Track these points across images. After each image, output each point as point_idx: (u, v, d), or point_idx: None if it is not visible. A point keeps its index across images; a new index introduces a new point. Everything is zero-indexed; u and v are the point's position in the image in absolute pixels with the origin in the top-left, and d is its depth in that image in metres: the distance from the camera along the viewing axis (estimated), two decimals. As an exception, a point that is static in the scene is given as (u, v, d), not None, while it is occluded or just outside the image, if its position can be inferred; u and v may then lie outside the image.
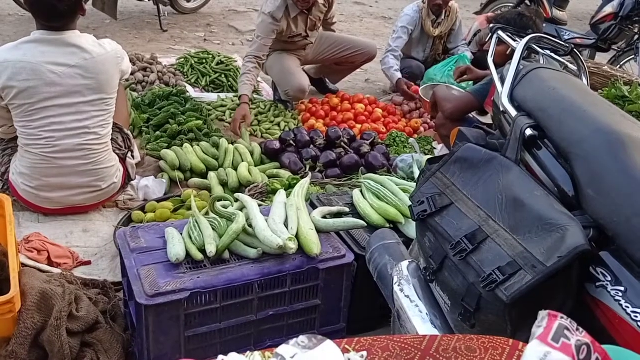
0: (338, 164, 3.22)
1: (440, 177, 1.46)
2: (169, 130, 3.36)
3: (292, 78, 3.97)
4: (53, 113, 2.38)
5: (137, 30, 5.72)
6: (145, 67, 4.27)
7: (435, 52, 4.77)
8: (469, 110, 3.02)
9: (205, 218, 2.02)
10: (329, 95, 4.26)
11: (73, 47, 2.38)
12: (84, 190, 2.55)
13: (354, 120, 3.94)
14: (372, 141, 3.44)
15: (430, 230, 1.42)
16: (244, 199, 2.14)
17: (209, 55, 4.64)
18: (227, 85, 4.38)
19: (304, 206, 2.12)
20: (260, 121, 3.91)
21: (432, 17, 4.58)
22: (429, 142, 3.69)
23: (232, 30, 6.16)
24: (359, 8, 7.72)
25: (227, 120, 3.85)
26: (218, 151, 3.21)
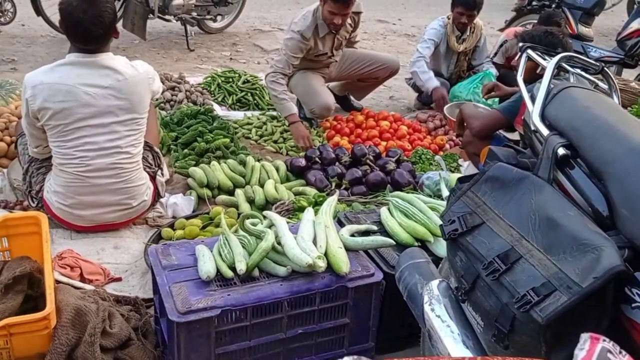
0: (364, 182, 3.22)
1: (471, 196, 1.46)
2: (197, 148, 3.41)
3: (317, 96, 4.01)
4: (87, 133, 2.44)
5: (165, 50, 5.83)
6: (174, 87, 4.35)
7: (460, 69, 4.78)
8: (497, 127, 3.01)
9: (235, 236, 2.04)
10: (354, 113, 4.29)
11: (107, 69, 2.44)
12: (115, 208, 2.60)
13: (379, 137, 3.96)
14: (397, 158, 3.45)
15: (461, 250, 1.41)
16: (273, 216, 2.15)
17: (235, 74, 4.71)
18: (252, 103, 4.44)
19: (332, 224, 2.13)
20: (285, 138, 3.95)
21: (456, 32, 4.59)
22: (454, 160, 3.68)
23: (257, 49, 6.24)
24: (382, 26, 7.77)
25: (253, 138, 3.90)
26: (245, 168, 3.25)
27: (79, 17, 2.33)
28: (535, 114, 1.48)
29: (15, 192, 2.91)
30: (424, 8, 8.88)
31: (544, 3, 5.84)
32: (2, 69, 4.88)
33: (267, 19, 7.49)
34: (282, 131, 4.01)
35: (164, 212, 2.90)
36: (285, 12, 7.92)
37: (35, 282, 1.93)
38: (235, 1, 6.22)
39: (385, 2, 8.67)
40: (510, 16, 6.22)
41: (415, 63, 4.48)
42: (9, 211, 2.75)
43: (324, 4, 3.79)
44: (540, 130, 1.44)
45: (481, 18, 4.83)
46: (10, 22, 5.15)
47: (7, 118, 3.29)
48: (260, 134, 3.95)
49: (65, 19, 2.38)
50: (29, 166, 2.69)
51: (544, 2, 5.85)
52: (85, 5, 2.33)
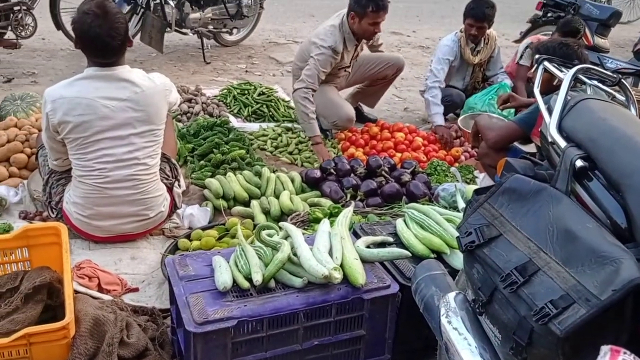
0: (379, 193, 3.23)
1: (488, 208, 1.45)
2: (213, 160, 3.44)
3: (340, 109, 4.05)
4: (106, 145, 2.47)
5: (181, 63, 5.90)
6: (190, 99, 4.40)
7: (475, 80, 4.77)
8: (513, 139, 3.00)
9: (251, 247, 2.06)
10: (369, 124, 4.30)
11: (125, 82, 2.48)
12: (133, 219, 2.63)
13: (394, 149, 3.96)
14: (413, 170, 3.45)
15: (478, 262, 1.41)
16: (289, 228, 2.16)
17: (250, 86, 4.75)
18: (268, 115, 4.47)
19: (348, 236, 2.13)
20: (300, 150, 3.96)
21: (471, 45, 4.60)
22: (470, 171, 3.67)
23: (273, 61, 6.29)
24: (397, 38, 7.79)
25: (268, 150, 3.92)
26: (260, 180, 3.27)
27: (95, 32, 2.37)
28: (553, 126, 1.47)
29: (36, 203, 2.95)
30: (438, 20, 8.90)
31: (559, 15, 5.83)
32: (23, 82, 4.97)
33: (283, 32, 7.55)
34: (298, 143, 4.03)
35: (181, 223, 2.92)
36: (301, 25, 7.99)
37: (54, 292, 1.96)
38: (251, 15, 6.29)
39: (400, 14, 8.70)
40: (525, 28, 6.20)
41: (430, 89, 4.45)
42: (29, 222, 2.80)
43: (362, 19, 3.82)
44: (557, 142, 1.44)
45: (496, 30, 4.83)
46: (31, 36, 5.24)
47: (28, 130, 3.35)
48: (275, 145, 3.98)
49: (82, 37, 2.42)
50: (49, 178, 2.73)
51: (559, 14, 5.84)
52: (100, 21, 2.37)
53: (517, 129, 2.92)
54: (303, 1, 9.46)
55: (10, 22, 5.02)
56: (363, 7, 3.79)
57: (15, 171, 3.17)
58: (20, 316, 1.85)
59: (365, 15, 3.81)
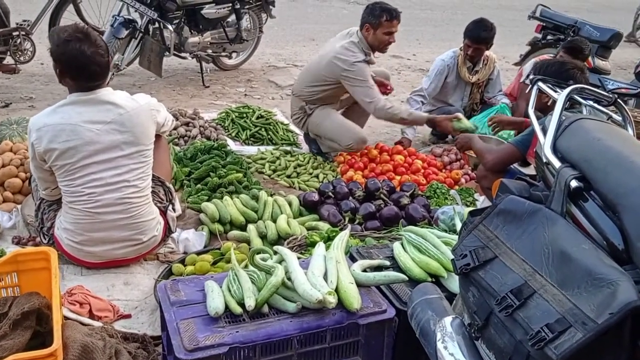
0: (378, 216, 3.22)
1: (483, 230, 1.45)
2: (210, 183, 3.43)
3: (351, 131, 4.05)
4: (93, 169, 2.47)
5: (180, 86, 5.94)
6: (188, 122, 4.42)
7: (473, 101, 4.79)
8: (511, 161, 3.00)
9: (244, 271, 2.04)
10: (368, 147, 4.30)
11: (108, 104, 2.49)
12: (125, 244, 2.61)
13: (393, 171, 3.96)
14: (412, 193, 3.44)
15: (473, 285, 1.40)
16: (283, 251, 2.15)
17: (249, 109, 4.78)
18: (266, 138, 4.48)
19: (343, 259, 2.12)
20: (299, 173, 3.96)
21: (468, 64, 4.63)
22: (470, 194, 3.66)
23: (272, 85, 6.34)
24: (397, 61, 7.86)
25: (266, 173, 3.92)
26: (257, 203, 3.26)
27: (84, 57, 2.37)
28: (547, 146, 1.47)
29: (29, 228, 2.94)
30: (438, 43, 8.98)
31: (559, 37, 5.88)
32: (21, 107, 5.01)
33: (282, 56, 7.62)
34: (296, 166, 4.04)
35: (176, 247, 2.90)
36: (300, 49, 8.06)
37: (43, 318, 1.94)
38: (250, 38, 6.35)
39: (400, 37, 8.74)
40: (525, 50, 6.25)
41: (409, 99, 4.61)
42: (22, 247, 2.78)
43: (377, 29, 3.89)
44: (552, 162, 1.44)
45: (496, 52, 4.87)
46: (30, 60, 5.29)
47: (22, 154, 3.35)
48: (273, 168, 3.98)
49: (69, 64, 2.41)
50: (41, 203, 2.73)
51: (558, 37, 5.89)
52: (85, 45, 2.38)
53: (515, 151, 2.92)
54: (302, 25, 9.57)
55: (9, 47, 5.07)
56: (377, 17, 3.88)
57: (9, 195, 3.17)
58: (8, 342, 1.82)
59: (380, 25, 3.89)
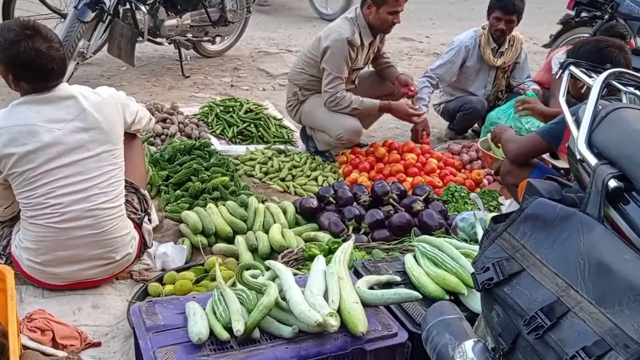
0: (386, 225, 3.22)
1: (507, 239, 1.45)
2: (191, 189, 3.44)
3: (343, 119, 4.06)
4: (58, 176, 2.47)
5: (156, 77, 5.96)
6: (165, 118, 4.43)
7: (498, 89, 4.80)
8: (536, 152, 3.01)
9: (231, 290, 2.04)
10: (375, 145, 4.30)
11: (68, 100, 2.49)
12: (95, 264, 2.61)
13: (404, 172, 3.96)
14: (426, 197, 3.44)
15: (498, 303, 1.40)
16: (277, 266, 2.15)
17: (236, 102, 4.79)
18: (256, 135, 4.49)
19: (347, 275, 2.12)
20: (294, 176, 3.97)
21: (492, 45, 4.63)
22: (494, 197, 3.66)
23: (263, 73, 6.35)
24: (407, 44, 7.88)
25: (256, 176, 3.92)
26: (247, 211, 3.26)
27: (34, 59, 2.37)
28: (581, 140, 1.47)
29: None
30: (455, 23, 8.99)
31: (594, 14, 5.87)
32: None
33: (274, 40, 7.64)
34: (291, 167, 4.04)
35: (152, 264, 2.90)
36: (295, 32, 8.08)
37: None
38: (236, 20, 6.36)
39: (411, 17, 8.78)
40: (556, 30, 6.25)
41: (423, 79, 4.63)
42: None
43: (380, 7, 3.93)
44: (587, 159, 1.43)
45: (523, 33, 4.87)
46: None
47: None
48: (265, 170, 3.99)
49: (19, 67, 2.41)
50: (-7, 218, 2.72)
51: (594, 13, 5.88)
52: (37, 42, 2.38)
53: (541, 141, 2.93)
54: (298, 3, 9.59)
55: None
56: None
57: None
58: (-44, 377, 1.82)
59: (384, 3, 3.91)
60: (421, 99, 4.46)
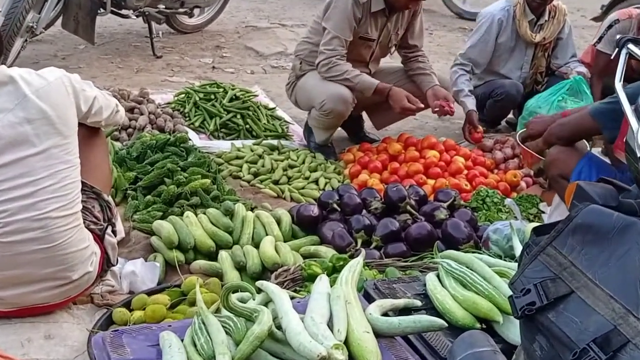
0: (403, 237, 3.22)
1: (553, 254, 1.45)
2: (165, 194, 3.44)
3: (329, 85, 4.09)
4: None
5: (121, 57, 5.97)
6: (132, 108, 4.43)
7: (537, 71, 4.80)
8: (583, 133, 3.04)
9: (215, 317, 2.04)
10: (388, 140, 4.31)
11: (7, 86, 2.48)
12: (47, 285, 2.60)
13: (425, 173, 3.98)
14: (451, 203, 3.44)
15: (541, 332, 1.41)
16: (270, 288, 2.15)
17: (219, 88, 4.79)
18: (244, 129, 4.50)
19: (355, 298, 2.12)
20: (290, 178, 3.97)
21: (530, 16, 4.63)
22: (534, 203, 3.66)
23: (251, 53, 6.36)
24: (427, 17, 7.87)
25: (244, 178, 3.93)
26: (232, 221, 3.26)
27: None
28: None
29: None
30: (485, -9, 9.00)
31: (655, -21, 5.88)
32: None
33: (264, 12, 7.66)
34: (286, 167, 4.05)
35: (117, 285, 2.90)
36: (289, 1, 8.09)
37: None
38: (219, -13, 6.38)
39: (431, -17, 8.82)
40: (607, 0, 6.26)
41: (450, 76, 4.65)
42: None
43: None
44: (650, 157, 1.44)
45: (568, 3, 4.88)
46: None
47: None
48: (254, 171, 3.99)
49: None
50: None
51: (656, -22, 5.89)
52: None
53: (589, 121, 2.94)
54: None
55: None
56: None
57: None
58: None
59: None
60: (460, 91, 4.47)
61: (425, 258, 3.05)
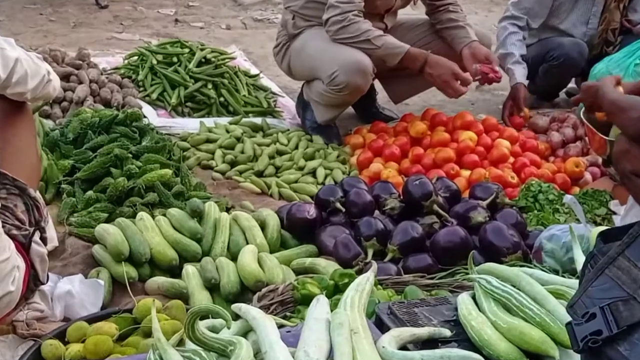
0: (428, 247, 3.23)
1: (626, 267, 1.46)
2: (111, 189, 3.44)
3: (341, 50, 4.11)
4: None
5: (53, 6, 5.97)
6: (68, 74, 4.43)
7: (607, 26, 4.80)
8: None
9: (177, 351, 2.04)
10: (410, 117, 4.31)
11: None
12: (-45, 307, 2.62)
13: (458, 162, 4.00)
14: (492, 201, 3.45)
15: (610, 370, 1.41)
16: (251, 314, 2.15)
17: (183, 48, 4.79)
18: (217, 102, 4.50)
19: (364, 327, 2.12)
20: (279, 168, 3.98)
21: None
22: (602, 202, 3.66)
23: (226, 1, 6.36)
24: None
25: (217, 168, 3.93)
26: (201, 225, 3.27)
27: None
28: None
29: None
30: None
31: None
32: None
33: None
34: (273, 154, 4.05)
35: (48, 309, 2.90)
36: None
37: None
38: None
39: None
40: None
41: (498, 33, 4.72)
42: None
43: None
44: None
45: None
46: None
47: None
48: (231, 159, 4.01)
49: None
50: None
51: None
52: None
53: None
54: None
55: None
56: None
57: None
58: None
59: None
60: (509, 55, 4.47)
61: (457, 274, 3.06)
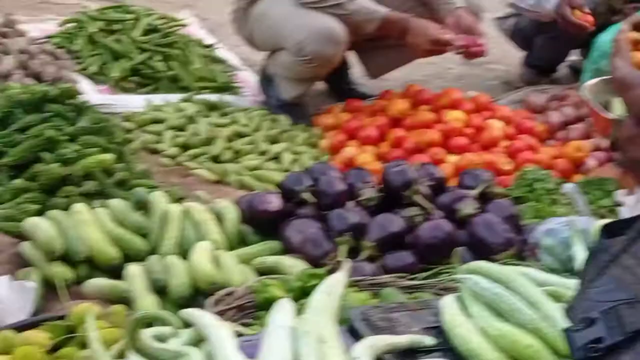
0: (409, 242, 3.24)
1: (630, 267, 1.47)
2: (43, 177, 3.42)
3: (310, 16, 4.14)
4: None
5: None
6: (-7, 44, 4.42)
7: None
8: None
9: (118, 365, 2.04)
10: (389, 94, 4.32)
11: None
12: None
13: (444, 145, 4.01)
14: (482, 191, 3.46)
15: (613, 384, 1.42)
16: (204, 321, 2.16)
17: (127, 14, 4.78)
18: (166, 77, 4.49)
19: (334, 335, 2.12)
20: (238, 152, 3.98)
21: None
22: (608, 191, 3.68)
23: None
24: None
25: (166, 152, 3.93)
26: (147, 219, 3.27)
27: None
28: None
29: None
30: None
31: None
32: None
33: None
34: (233, 136, 4.05)
35: (-32, 316, 2.90)
36: None
37: None
38: None
39: None
40: None
41: None
42: None
43: None
44: None
45: None
46: None
47: None
48: (183, 142, 4.02)
49: None
50: None
51: None
52: None
53: None
54: None
55: None
56: None
57: None
58: None
59: None
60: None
61: (442, 274, 3.07)
